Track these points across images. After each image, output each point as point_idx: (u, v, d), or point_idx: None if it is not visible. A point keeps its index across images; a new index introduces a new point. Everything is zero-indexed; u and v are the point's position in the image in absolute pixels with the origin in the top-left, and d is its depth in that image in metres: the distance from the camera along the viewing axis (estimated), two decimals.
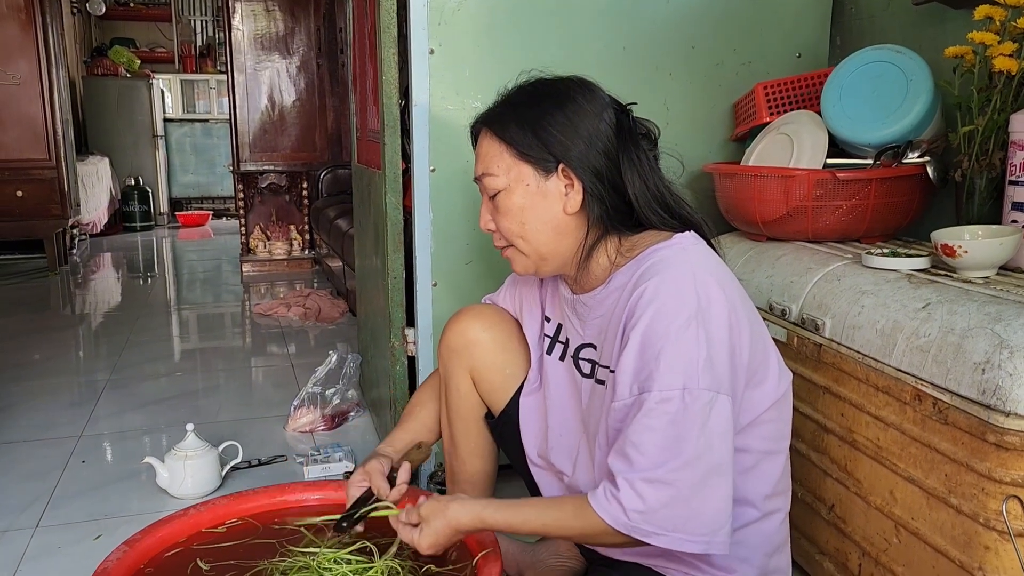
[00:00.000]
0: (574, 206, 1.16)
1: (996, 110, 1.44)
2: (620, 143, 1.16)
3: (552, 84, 1.20)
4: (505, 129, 1.17)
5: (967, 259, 1.30)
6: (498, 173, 1.18)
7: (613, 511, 1.04)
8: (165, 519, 1.36)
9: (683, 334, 1.03)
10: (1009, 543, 1.06)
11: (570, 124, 1.15)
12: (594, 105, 1.17)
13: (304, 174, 5.21)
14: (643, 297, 1.07)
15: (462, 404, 1.45)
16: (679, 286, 1.06)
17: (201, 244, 6.77)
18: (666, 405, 1.02)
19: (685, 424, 1.02)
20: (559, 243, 1.19)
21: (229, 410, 2.58)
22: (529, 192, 1.17)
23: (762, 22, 1.94)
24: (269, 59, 5.04)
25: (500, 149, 1.18)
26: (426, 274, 1.86)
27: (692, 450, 1.01)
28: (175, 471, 1.90)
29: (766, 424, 1.17)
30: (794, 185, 1.57)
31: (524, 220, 1.18)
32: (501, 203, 1.19)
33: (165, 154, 7.97)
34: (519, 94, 1.21)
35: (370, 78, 2.09)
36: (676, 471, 1.01)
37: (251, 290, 4.68)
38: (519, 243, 1.20)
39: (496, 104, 1.22)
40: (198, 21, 8.57)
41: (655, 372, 1.03)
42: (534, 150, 1.15)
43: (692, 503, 1.02)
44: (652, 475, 1.02)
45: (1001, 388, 1.04)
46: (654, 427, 1.02)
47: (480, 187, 1.23)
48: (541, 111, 1.16)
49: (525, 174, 1.16)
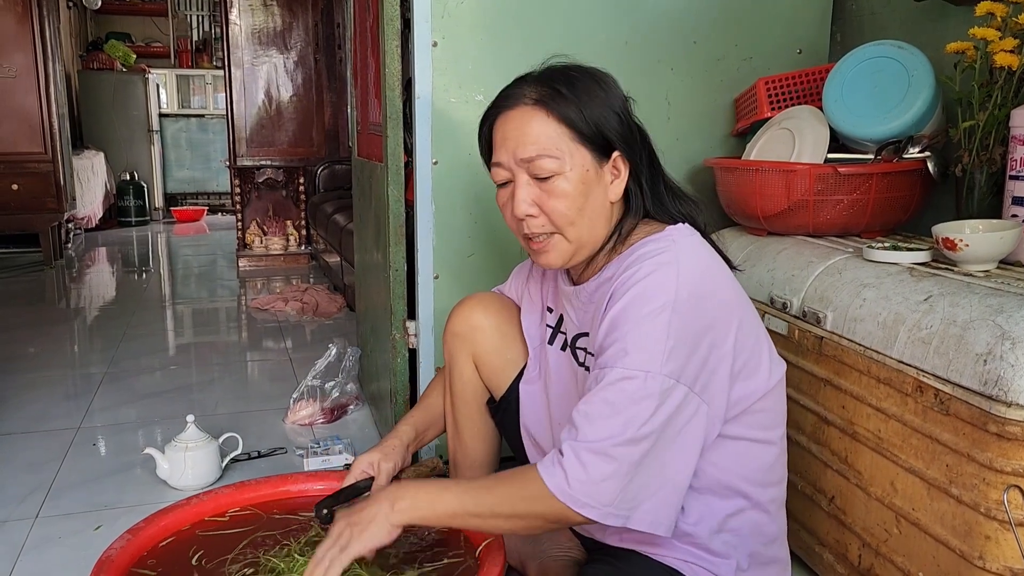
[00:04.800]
0: (616, 194, 1.17)
1: (997, 105, 1.45)
2: (640, 134, 1.19)
3: (589, 68, 1.18)
4: (566, 110, 1.12)
5: (968, 253, 1.31)
6: (559, 155, 1.12)
7: (557, 477, 1.03)
8: (168, 508, 1.36)
9: (654, 319, 1.04)
10: (1010, 532, 1.07)
11: (615, 112, 1.15)
12: (622, 94, 1.18)
13: (301, 169, 5.21)
14: (625, 283, 1.08)
15: (465, 388, 1.47)
16: (660, 275, 1.07)
17: (196, 239, 6.75)
18: (625, 383, 1.02)
19: (640, 404, 1.02)
20: (600, 230, 1.18)
21: (227, 403, 2.58)
22: (588, 177, 1.14)
23: (763, 17, 1.95)
24: (266, 54, 5.03)
25: (560, 131, 1.13)
26: (428, 267, 1.86)
27: (641, 431, 1.01)
28: (175, 462, 1.90)
29: (757, 414, 1.17)
30: (795, 179, 1.58)
31: (581, 205, 1.14)
32: (557, 187, 1.13)
33: (160, 149, 7.94)
34: (562, 75, 1.16)
35: (372, 71, 2.09)
36: (621, 446, 1.01)
37: (247, 285, 4.67)
38: (568, 230, 1.16)
39: (535, 84, 1.16)
40: (194, 16, 8.54)
41: (621, 351, 1.04)
42: (594, 135, 1.13)
43: (632, 482, 1.02)
44: (597, 446, 1.02)
45: (1003, 379, 1.05)
46: (609, 400, 1.03)
47: (515, 170, 1.15)
48: (592, 94, 1.14)
49: (585, 158, 1.14)
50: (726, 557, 1.19)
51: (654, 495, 1.05)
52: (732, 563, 1.20)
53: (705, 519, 1.17)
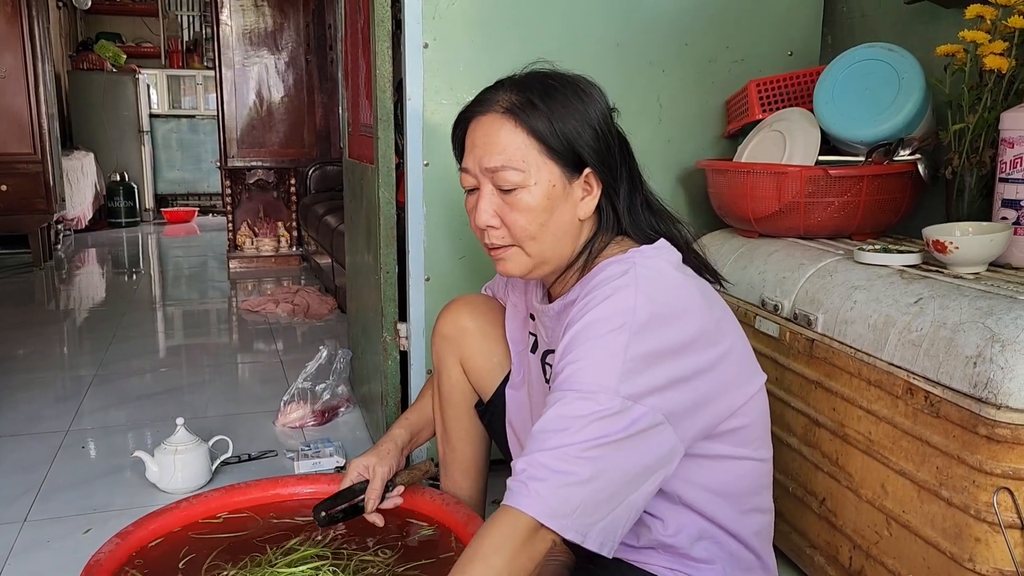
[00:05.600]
0: (587, 211, 1.13)
1: (986, 108, 1.46)
2: (621, 148, 1.15)
3: (571, 78, 1.13)
4: (536, 122, 1.08)
5: (958, 255, 1.31)
6: (523, 168, 1.08)
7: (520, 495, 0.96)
8: (157, 511, 1.35)
9: (610, 341, 1.00)
10: (999, 534, 1.07)
11: (593, 126, 1.10)
12: (605, 106, 1.14)
13: (292, 170, 5.19)
14: (583, 309, 1.05)
15: (453, 391, 1.47)
16: (617, 298, 1.03)
17: (187, 241, 6.72)
18: (580, 403, 0.98)
19: (596, 424, 0.97)
20: (564, 247, 1.14)
21: (217, 405, 2.57)
22: (554, 193, 1.10)
23: (755, 20, 1.95)
24: (257, 55, 5.02)
25: (528, 142, 1.09)
26: (419, 269, 1.86)
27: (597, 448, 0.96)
28: (165, 465, 1.89)
29: (730, 433, 1.14)
30: (787, 181, 1.58)
31: (543, 221, 1.10)
32: (520, 200, 1.10)
33: (151, 150, 7.92)
34: (540, 84, 1.11)
35: (363, 72, 2.08)
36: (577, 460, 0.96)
37: (238, 287, 4.66)
38: (529, 244, 1.12)
39: (511, 91, 1.12)
40: (185, 16, 8.51)
41: (576, 372, 1.00)
42: (564, 150, 1.09)
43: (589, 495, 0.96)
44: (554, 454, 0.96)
45: (993, 381, 1.05)
46: (564, 416, 0.98)
47: (481, 178, 1.12)
48: (568, 107, 1.09)
49: (552, 173, 1.10)
50: (710, 563, 1.18)
51: (608, 514, 0.99)
52: (718, 568, 1.19)
53: (685, 529, 1.15)
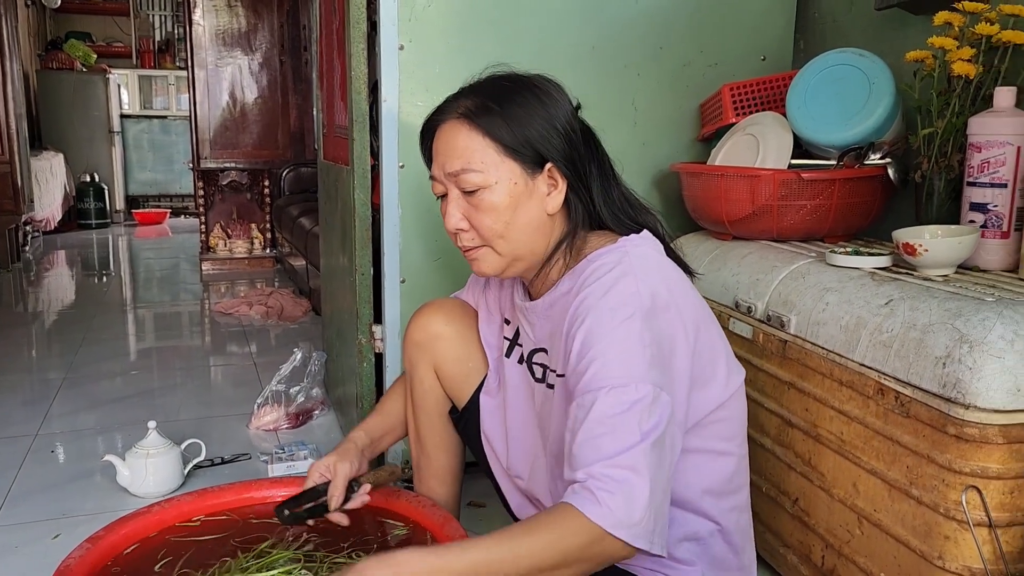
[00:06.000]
0: (555, 206, 1.15)
1: (955, 113, 1.48)
2: (586, 142, 1.16)
3: (527, 79, 1.16)
4: (490, 123, 1.11)
5: (927, 257, 1.33)
6: (482, 169, 1.11)
7: (591, 504, 0.94)
8: (129, 516, 1.34)
9: (623, 331, 1.02)
10: (968, 532, 1.09)
11: (552, 122, 1.12)
12: (567, 102, 1.16)
13: (266, 172, 5.16)
14: (585, 301, 1.06)
15: (427, 398, 1.45)
16: (621, 287, 1.05)
17: (159, 243, 6.65)
18: (618, 394, 0.99)
19: (638, 412, 0.98)
20: (536, 244, 1.16)
21: (190, 409, 2.54)
22: (516, 191, 1.12)
23: (728, 25, 1.97)
24: (231, 55, 4.98)
25: (484, 144, 1.11)
26: (394, 271, 1.85)
27: (650, 433, 0.98)
28: (136, 469, 1.87)
29: (714, 424, 1.17)
30: (760, 185, 1.60)
31: (508, 219, 1.13)
32: (483, 201, 1.12)
33: (122, 151, 7.82)
34: (497, 87, 1.15)
35: (338, 73, 2.08)
36: (638, 454, 0.96)
37: (211, 289, 4.61)
38: (498, 243, 1.15)
39: (468, 96, 1.16)
40: (157, 16, 8.43)
41: (601, 368, 1.01)
42: (522, 147, 1.11)
43: (657, 490, 0.97)
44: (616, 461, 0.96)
45: (961, 381, 1.07)
46: (606, 417, 0.98)
47: (447, 184, 1.15)
48: (525, 106, 1.12)
49: (513, 172, 1.12)
50: (690, 564, 1.19)
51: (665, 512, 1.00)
52: (697, 570, 1.20)
53: (671, 528, 1.15)
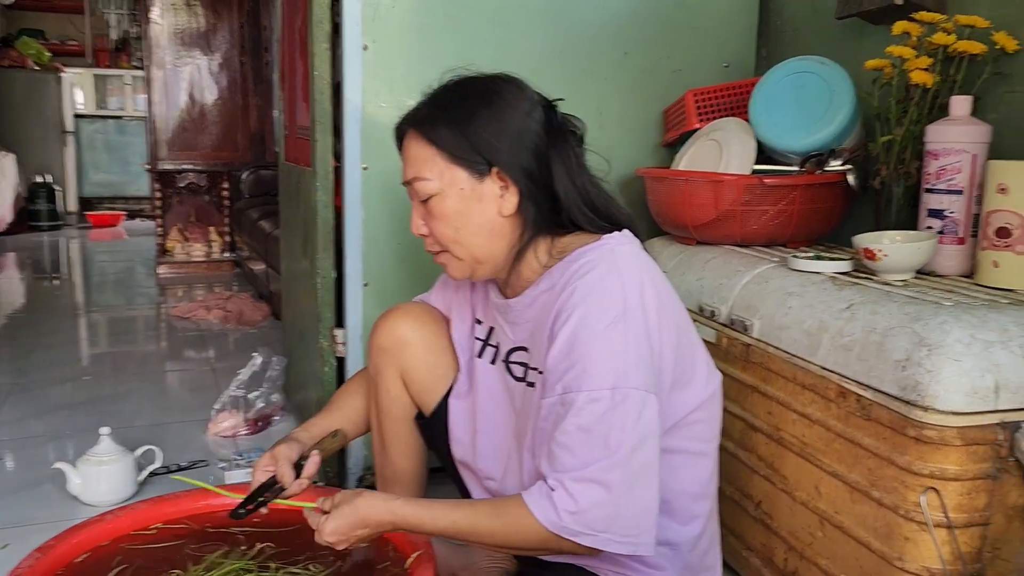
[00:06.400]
0: (510, 208, 1.15)
1: (913, 121, 1.51)
2: (550, 141, 1.16)
3: (480, 83, 1.17)
4: (435, 132, 1.14)
5: (887, 262, 1.35)
6: (430, 177, 1.14)
7: (545, 509, 1.02)
8: (81, 524, 1.30)
9: (611, 333, 1.03)
10: (927, 533, 1.10)
11: (501, 125, 1.13)
12: (523, 103, 1.16)
13: (225, 174, 5.07)
14: (572, 298, 1.07)
15: (392, 405, 1.42)
16: (606, 286, 1.06)
17: (113, 245, 6.51)
18: (595, 405, 1.02)
19: (615, 423, 1.01)
20: (494, 246, 1.17)
21: (145, 415, 2.48)
22: (464, 196, 1.14)
23: (692, 32, 1.99)
24: (190, 55, 4.90)
25: (431, 152, 1.14)
26: (357, 274, 1.83)
27: (623, 450, 1.01)
28: (88, 477, 1.81)
29: (693, 425, 1.18)
30: (724, 190, 1.61)
31: (459, 225, 1.15)
32: (435, 207, 1.15)
33: (75, 151, 7.64)
34: (446, 94, 1.18)
35: (300, 74, 2.05)
36: (606, 471, 1.01)
37: (168, 292, 4.52)
38: (454, 248, 1.17)
39: (423, 105, 1.19)
40: (113, 14, 8.25)
41: (583, 372, 1.03)
42: (466, 153, 1.13)
43: (621, 503, 1.02)
44: (582, 474, 1.01)
45: (920, 384, 1.09)
46: (583, 426, 1.02)
47: (409, 191, 1.19)
48: (471, 112, 1.14)
49: (459, 178, 1.14)
50: (661, 569, 1.19)
51: (648, 512, 1.04)
52: (667, 575, 1.20)
53: None
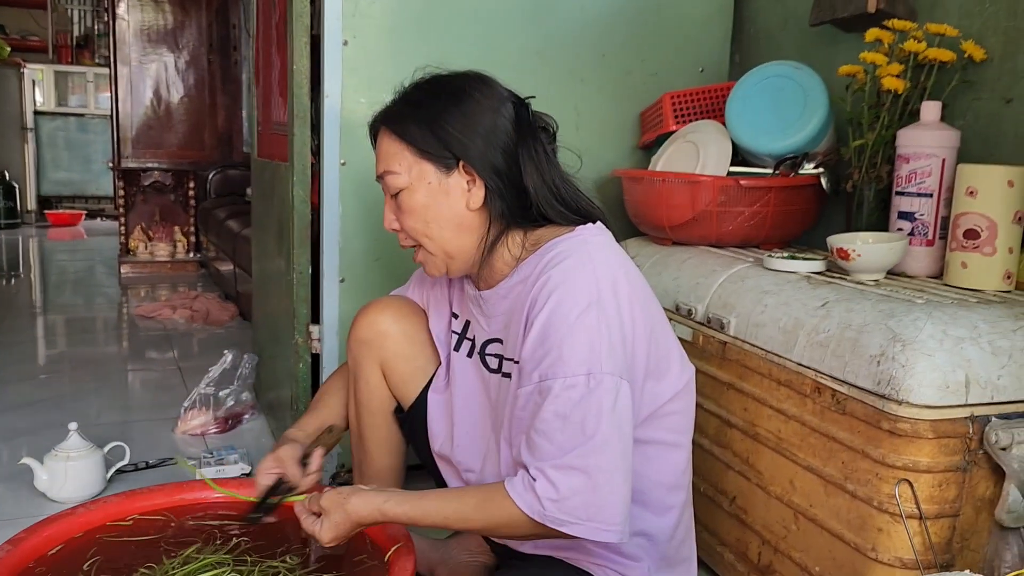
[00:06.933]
0: (476, 202, 1.17)
1: (884, 126, 1.55)
2: (519, 137, 1.18)
3: (449, 80, 1.20)
4: (404, 127, 1.17)
5: (860, 263, 1.39)
6: (399, 171, 1.17)
7: (528, 499, 1.04)
8: (52, 517, 1.27)
9: (584, 321, 1.05)
10: (900, 524, 1.13)
11: (468, 120, 1.16)
12: (491, 100, 1.18)
13: (191, 173, 5.01)
14: (545, 286, 1.09)
15: (372, 397, 1.42)
16: (580, 275, 1.08)
17: (73, 245, 6.39)
18: (571, 392, 1.04)
19: (591, 409, 1.03)
20: (463, 240, 1.19)
21: (110, 413, 2.43)
22: (432, 190, 1.17)
23: (668, 36, 2.01)
24: (156, 52, 4.84)
25: (400, 147, 1.17)
26: (333, 270, 1.82)
27: (599, 435, 1.02)
28: (55, 473, 1.78)
29: (668, 416, 1.20)
30: (700, 191, 1.64)
31: (428, 218, 1.18)
32: (404, 201, 1.18)
33: (35, 148, 7.49)
34: (416, 91, 1.21)
35: (277, 69, 2.04)
36: (585, 456, 1.02)
37: (130, 292, 4.45)
38: (425, 242, 1.20)
39: (393, 102, 1.22)
40: (76, 10, 8.11)
41: (559, 359, 1.05)
42: (433, 148, 1.15)
43: (602, 490, 1.03)
44: (561, 461, 1.03)
45: (895, 379, 1.11)
46: (560, 413, 1.04)
47: (383, 186, 1.22)
48: (439, 108, 1.16)
49: (426, 172, 1.16)
50: (638, 560, 1.21)
51: (625, 498, 1.05)
52: (644, 566, 1.21)
53: None
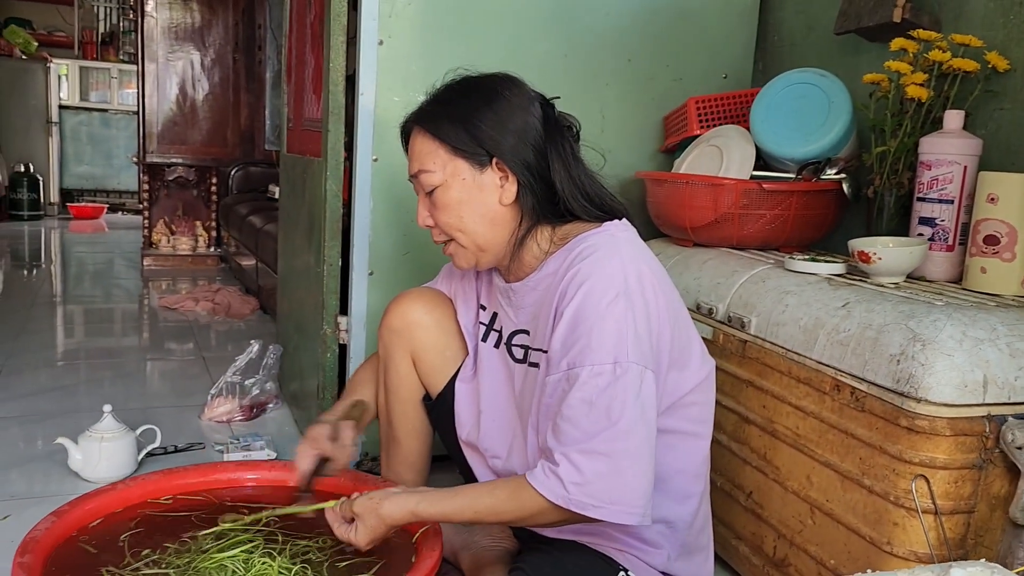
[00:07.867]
0: (509, 197, 1.21)
1: (907, 134, 1.58)
2: (547, 135, 1.22)
3: (480, 81, 1.25)
4: (438, 126, 1.21)
5: (880, 266, 1.42)
6: (434, 169, 1.21)
7: (552, 485, 1.07)
8: (94, 492, 1.32)
9: (613, 310, 1.09)
10: (916, 519, 1.16)
11: (499, 119, 1.20)
12: (521, 99, 1.22)
13: (214, 169, 5.08)
14: (575, 278, 1.13)
15: (401, 385, 1.46)
16: (608, 267, 1.13)
17: (95, 237, 6.47)
18: (598, 379, 1.08)
19: (617, 396, 1.07)
20: (496, 234, 1.23)
21: (138, 399, 2.49)
22: (466, 186, 1.21)
23: (692, 43, 2.05)
24: (183, 50, 4.91)
25: (434, 146, 1.21)
26: (363, 263, 1.87)
27: (624, 421, 1.06)
28: (89, 453, 1.83)
29: (690, 407, 1.24)
30: (723, 193, 1.67)
31: (462, 213, 1.22)
32: (439, 198, 1.22)
33: (59, 142, 7.59)
34: (448, 92, 1.25)
35: (311, 67, 2.09)
36: (610, 441, 1.06)
37: (152, 285, 4.51)
38: (459, 236, 1.24)
39: (426, 102, 1.26)
40: (102, 7, 8.23)
41: (587, 348, 1.09)
42: (467, 145, 1.19)
43: (626, 474, 1.07)
44: (587, 446, 1.06)
45: (914, 377, 1.15)
46: (587, 400, 1.08)
47: (416, 185, 1.26)
48: (471, 107, 1.20)
49: (460, 169, 1.20)
50: (658, 547, 1.25)
51: (648, 483, 1.08)
52: (664, 553, 1.25)
53: None
